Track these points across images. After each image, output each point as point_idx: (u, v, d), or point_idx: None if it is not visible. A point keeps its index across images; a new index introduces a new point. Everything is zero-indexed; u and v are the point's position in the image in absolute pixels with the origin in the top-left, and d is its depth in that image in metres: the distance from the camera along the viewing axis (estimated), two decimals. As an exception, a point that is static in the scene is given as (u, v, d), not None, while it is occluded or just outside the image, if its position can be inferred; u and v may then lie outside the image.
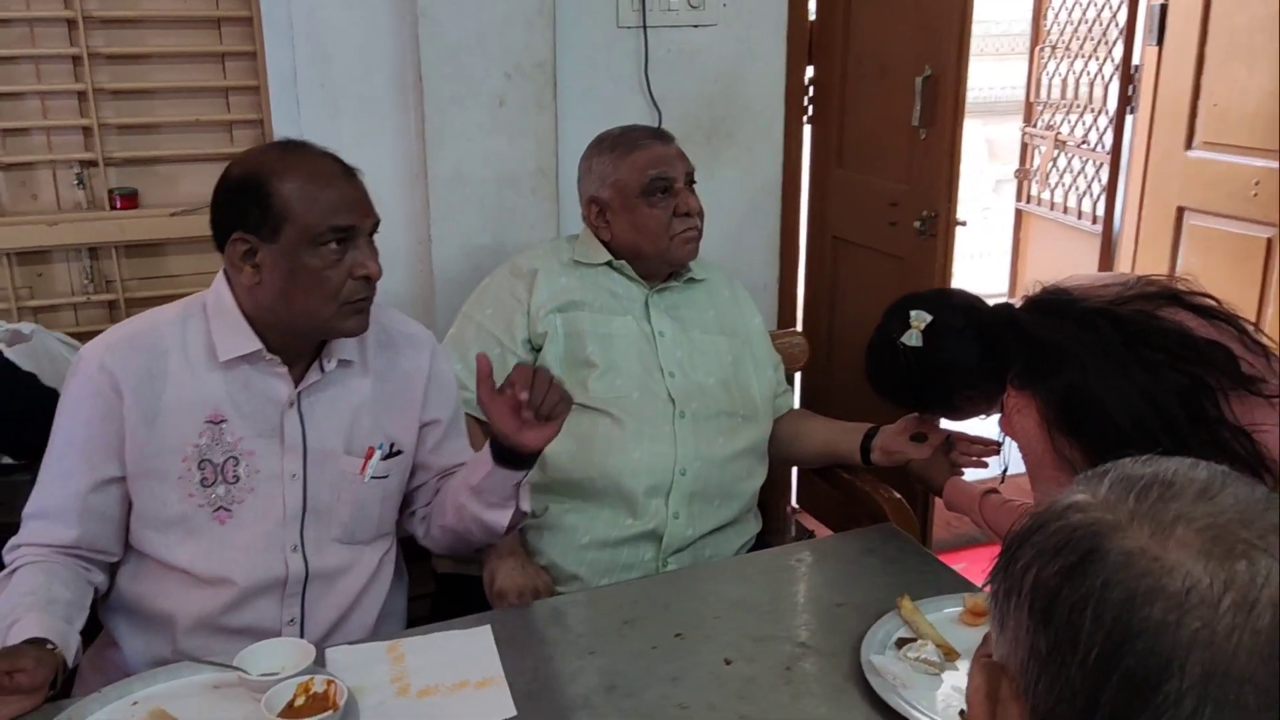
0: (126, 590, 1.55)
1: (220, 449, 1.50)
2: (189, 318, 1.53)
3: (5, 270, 2.39)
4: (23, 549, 1.49)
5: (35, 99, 2.36)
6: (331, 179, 1.47)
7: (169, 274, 2.54)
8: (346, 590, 1.60)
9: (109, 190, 2.42)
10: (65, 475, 1.50)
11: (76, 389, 1.50)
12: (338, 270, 1.46)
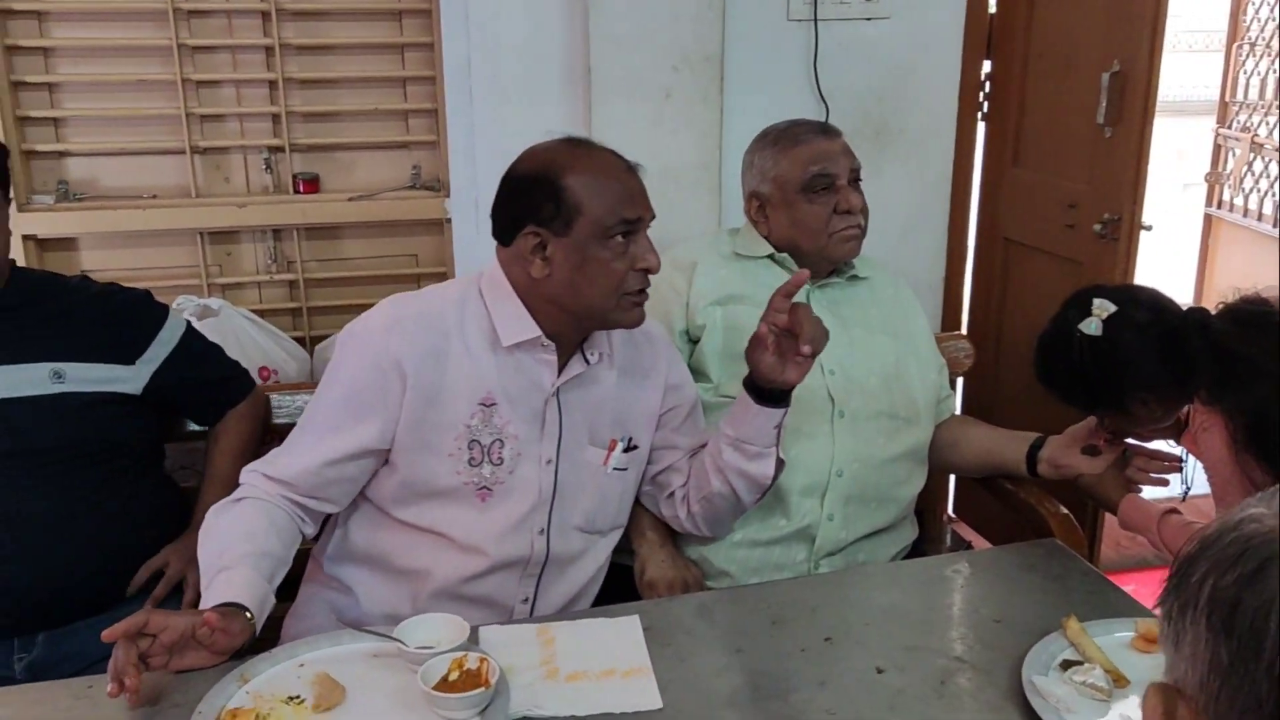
0: (368, 543, 1.62)
1: (489, 431, 1.56)
2: (466, 300, 1.59)
3: (198, 248, 2.54)
4: (257, 478, 1.58)
5: (231, 87, 2.50)
6: (618, 173, 1.53)
7: (344, 256, 2.65)
8: (577, 577, 1.66)
9: (293, 175, 2.54)
10: (320, 435, 1.56)
11: (355, 361, 1.56)
12: (622, 262, 1.51)
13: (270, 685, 1.32)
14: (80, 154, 2.48)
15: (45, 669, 1.70)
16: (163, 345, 1.90)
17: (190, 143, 2.46)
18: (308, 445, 1.58)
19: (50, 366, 1.79)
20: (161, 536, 1.82)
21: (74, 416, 1.79)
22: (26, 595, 1.69)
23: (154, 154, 2.50)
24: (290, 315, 2.61)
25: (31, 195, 2.42)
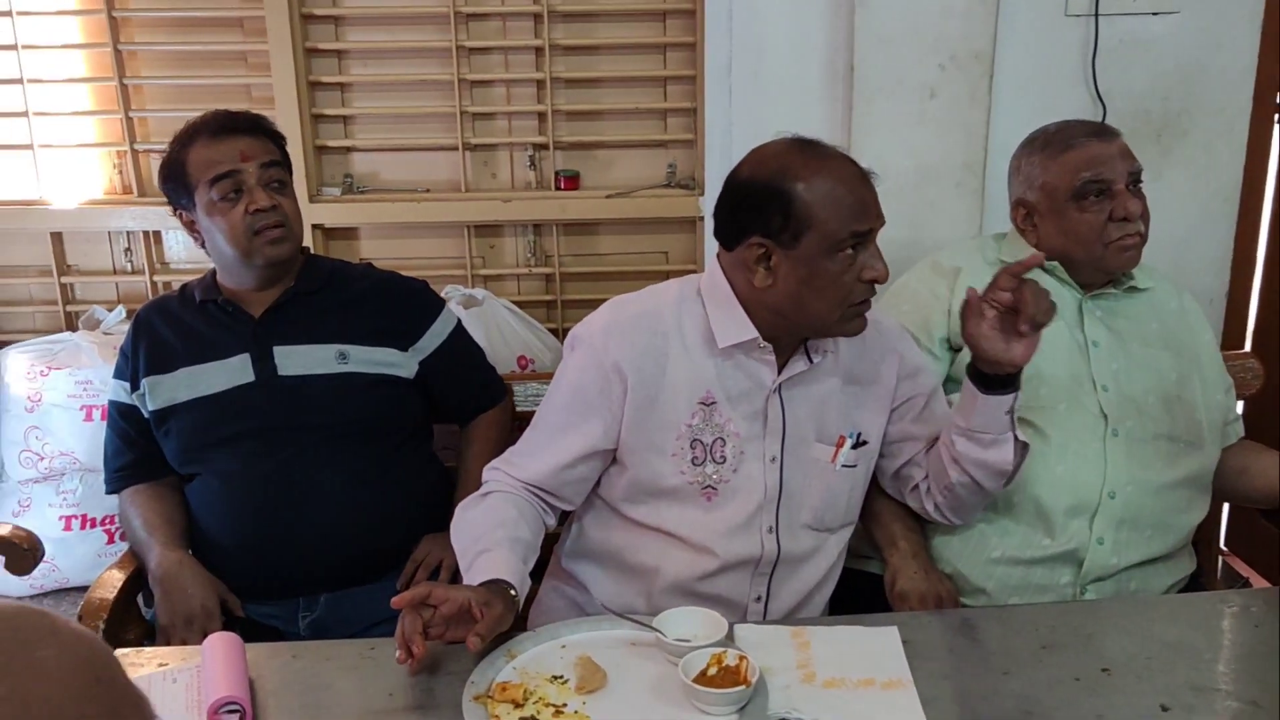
0: (602, 541, 1.67)
1: (710, 430, 1.57)
2: (684, 300, 1.61)
3: (465, 241, 2.67)
4: (499, 474, 1.65)
5: (502, 86, 2.61)
6: (852, 184, 1.49)
7: (599, 252, 2.72)
8: (809, 575, 1.64)
9: (555, 171, 2.63)
10: (553, 436, 1.62)
11: (579, 362, 1.61)
12: (850, 274, 1.49)
13: (535, 663, 1.37)
14: (365, 150, 2.65)
15: (325, 628, 1.84)
16: (434, 336, 2.01)
17: (463, 140, 2.59)
18: (540, 446, 1.63)
19: (337, 348, 1.93)
20: (431, 512, 1.92)
21: (357, 395, 1.91)
22: (315, 558, 1.82)
23: (430, 150, 2.65)
24: (545, 307, 2.70)
25: (321, 187, 2.61)
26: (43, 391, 2.43)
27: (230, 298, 1.95)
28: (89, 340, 2.50)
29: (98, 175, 2.69)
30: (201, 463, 1.90)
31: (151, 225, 2.66)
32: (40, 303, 2.73)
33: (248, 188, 1.86)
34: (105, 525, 2.47)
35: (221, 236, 1.87)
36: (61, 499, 2.45)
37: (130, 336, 1.97)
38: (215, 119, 1.91)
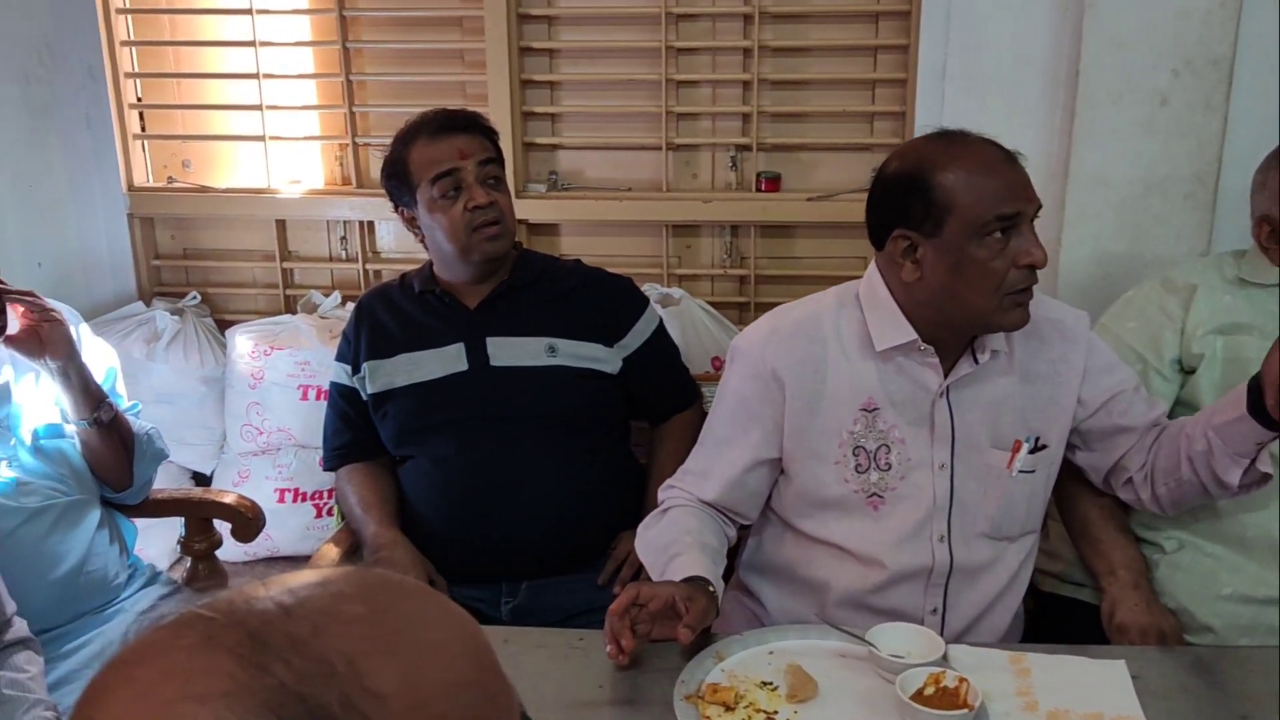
0: (774, 554, 1.66)
1: (873, 436, 1.54)
2: (844, 306, 1.58)
3: (662, 240, 2.69)
4: (675, 491, 1.67)
5: (708, 87, 2.62)
6: (994, 166, 1.44)
7: (795, 255, 2.69)
8: (989, 586, 1.59)
9: (757, 173, 2.61)
10: (720, 450, 1.63)
11: (739, 373, 1.61)
12: (1002, 260, 1.43)
13: (743, 667, 1.37)
14: (571, 148, 2.71)
15: (525, 615, 1.88)
16: (639, 334, 2.03)
17: (666, 139, 2.61)
18: (710, 461, 1.62)
19: (547, 341, 1.97)
20: (628, 507, 1.95)
21: (565, 388, 1.95)
22: (521, 545, 1.87)
23: (633, 149, 2.68)
24: (739, 309, 2.69)
25: (527, 184, 2.67)
26: (265, 370, 2.57)
27: (447, 289, 2.02)
28: (307, 323, 2.63)
29: (320, 167, 2.83)
30: (415, 446, 1.97)
31: (366, 215, 2.79)
32: (263, 286, 2.89)
33: (466, 185, 1.92)
34: (315, 500, 2.60)
35: (441, 233, 1.94)
36: (277, 472, 2.59)
37: (353, 322, 2.07)
38: (435, 118, 1.98)
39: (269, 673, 0.48)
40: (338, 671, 0.49)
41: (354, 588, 0.54)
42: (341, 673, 0.49)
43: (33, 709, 1.51)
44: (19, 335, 1.78)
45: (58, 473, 1.86)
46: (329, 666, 0.49)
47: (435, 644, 0.53)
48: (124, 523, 2.02)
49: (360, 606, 0.53)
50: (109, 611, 1.89)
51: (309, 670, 0.48)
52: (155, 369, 2.57)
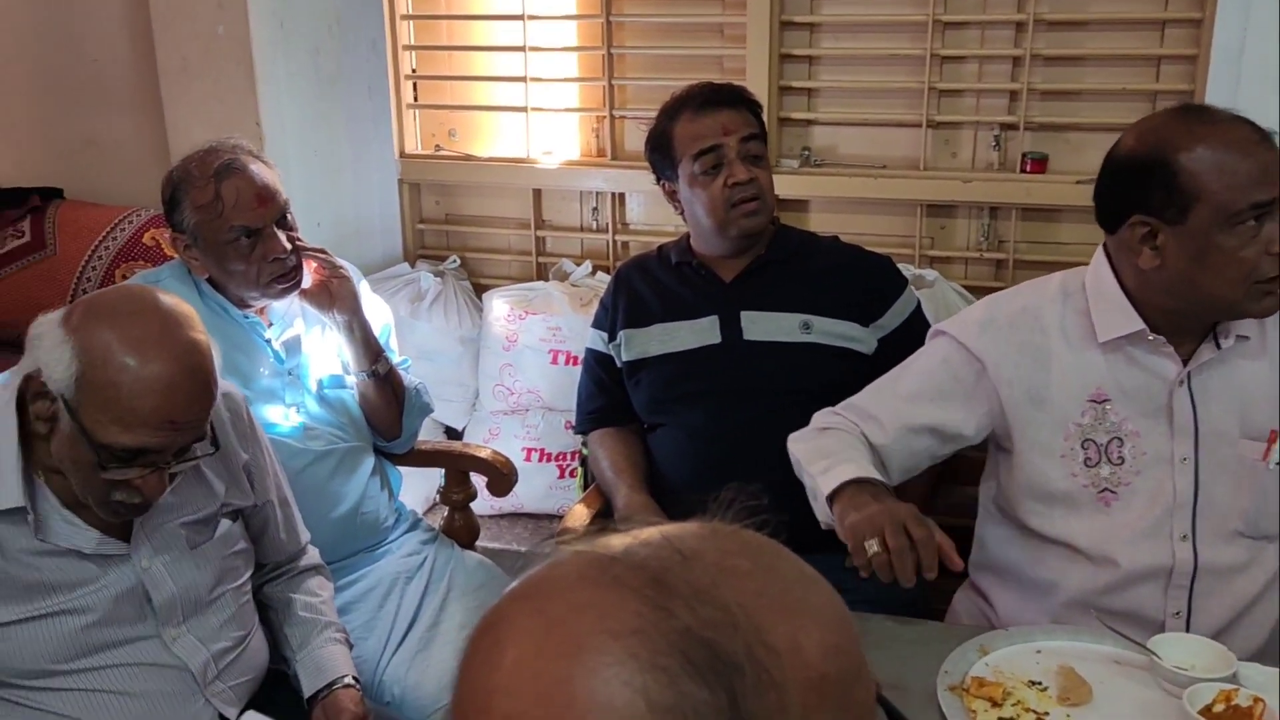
0: (1001, 554, 1.61)
1: (1103, 429, 1.47)
2: (1069, 294, 1.51)
3: (916, 220, 2.62)
4: (839, 419, 1.62)
5: (975, 63, 2.52)
6: (1246, 147, 1.33)
7: (1058, 240, 2.57)
8: (1244, 589, 1.48)
9: (1022, 154, 2.50)
10: (902, 399, 1.58)
11: (943, 347, 1.57)
12: (1253, 248, 1.33)
13: (1009, 664, 1.32)
14: (826, 123, 2.67)
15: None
16: (896, 315, 1.99)
17: (926, 117, 2.53)
18: (883, 407, 1.57)
19: (801, 318, 1.96)
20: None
21: (818, 365, 1.94)
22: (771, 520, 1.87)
23: (890, 126, 2.61)
24: (993, 294, 2.59)
25: (780, 159, 2.66)
26: (519, 334, 2.67)
27: (703, 262, 2.04)
28: (560, 290, 2.72)
29: (576, 138, 2.91)
30: (667, 414, 2.01)
31: (618, 187, 2.84)
32: (516, 253, 3.00)
33: (727, 161, 1.93)
34: (559, 460, 2.70)
35: (700, 207, 1.96)
36: (525, 431, 2.69)
37: (611, 290, 2.12)
38: (700, 92, 1.99)
39: (674, 616, 0.49)
40: (739, 622, 0.50)
41: (737, 545, 0.55)
42: (742, 624, 0.50)
43: (325, 630, 1.63)
44: (311, 289, 1.92)
45: (339, 420, 2.00)
46: (731, 616, 0.50)
47: (816, 607, 0.54)
48: (391, 471, 2.16)
49: (747, 562, 0.54)
50: (378, 552, 2.02)
51: (713, 618, 0.50)
52: (418, 327, 2.72)
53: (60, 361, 1.27)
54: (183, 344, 1.31)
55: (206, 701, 1.47)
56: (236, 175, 1.80)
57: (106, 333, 1.28)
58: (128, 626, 1.41)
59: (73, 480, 1.33)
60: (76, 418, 1.28)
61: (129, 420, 1.27)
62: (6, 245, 2.64)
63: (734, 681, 0.48)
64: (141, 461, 1.30)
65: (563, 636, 0.50)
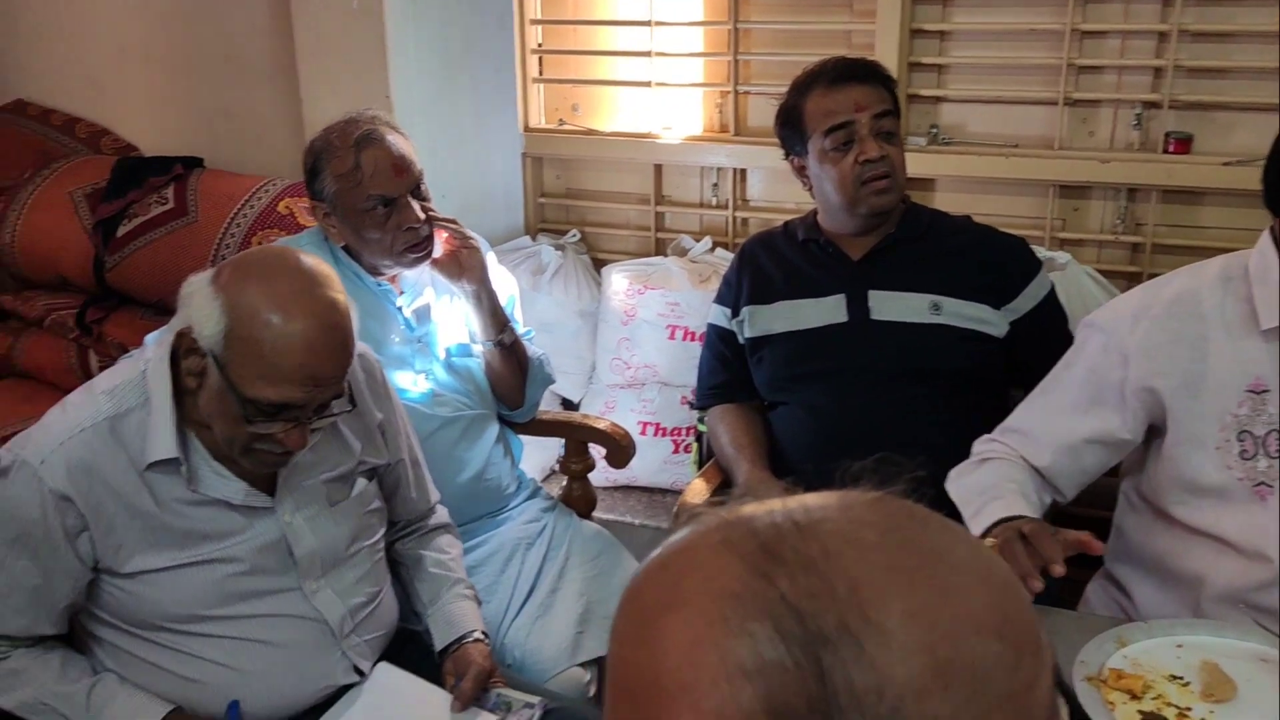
0: (1143, 544, 1.56)
1: (1262, 421, 1.41)
2: (1230, 280, 1.45)
3: (1047, 200, 2.54)
4: (996, 445, 1.59)
5: (1117, 38, 2.43)
6: None
7: (1200, 224, 2.47)
8: None
9: (1165, 133, 2.41)
10: (1059, 413, 1.55)
11: (1095, 344, 1.53)
12: None
13: (1148, 657, 1.29)
14: (955, 100, 2.61)
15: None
16: (1029, 298, 1.94)
17: (1064, 94, 2.46)
18: (1043, 421, 1.54)
19: (931, 298, 1.93)
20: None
21: (947, 348, 1.90)
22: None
23: (1024, 104, 2.54)
24: (1127, 279, 2.50)
25: (907, 137, 2.59)
26: (637, 308, 2.69)
27: (830, 239, 2.01)
28: (679, 266, 2.72)
29: (699, 113, 2.90)
30: (789, 392, 2.00)
31: (740, 163, 2.83)
32: (635, 228, 3.01)
33: (859, 137, 1.90)
34: (674, 435, 2.70)
35: (830, 184, 1.94)
36: (641, 405, 2.71)
37: (735, 266, 2.12)
38: (834, 67, 1.96)
39: (773, 583, 0.50)
40: (838, 595, 0.49)
41: (877, 516, 0.54)
42: (842, 597, 0.49)
43: (454, 586, 1.68)
44: (442, 259, 1.96)
45: (465, 388, 2.04)
46: (830, 588, 0.49)
47: (953, 587, 0.51)
48: (513, 439, 2.20)
49: (876, 535, 0.52)
50: (500, 518, 2.07)
51: (811, 588, 0.49)
52: (539, 300, 2.75)
53: (209, 318, 1.33)
54: (323, 303, 1.35)
55: (343, 654, 1.53)
56: (375, 145, 1.85)
57: (253, 291, 1.33)
58: (271, 578, 1.47)
59: (219, 433, 1.38)
60: (224, 372, 1.33)
61: (273, 375, 1.32)
62: (152, 211, 2.74)
63: (821, 653, 0.48)
64: (284, 416, 1.35)
65: (671, 592, 0.52)
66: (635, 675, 0.52)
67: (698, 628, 0.50)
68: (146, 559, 1.40)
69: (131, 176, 2.82)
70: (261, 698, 1.46)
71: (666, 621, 0.51)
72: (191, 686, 1.44)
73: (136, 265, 2.72)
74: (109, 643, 1.45)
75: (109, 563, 1.39)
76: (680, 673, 0.50)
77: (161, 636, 1.44)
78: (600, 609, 1.92)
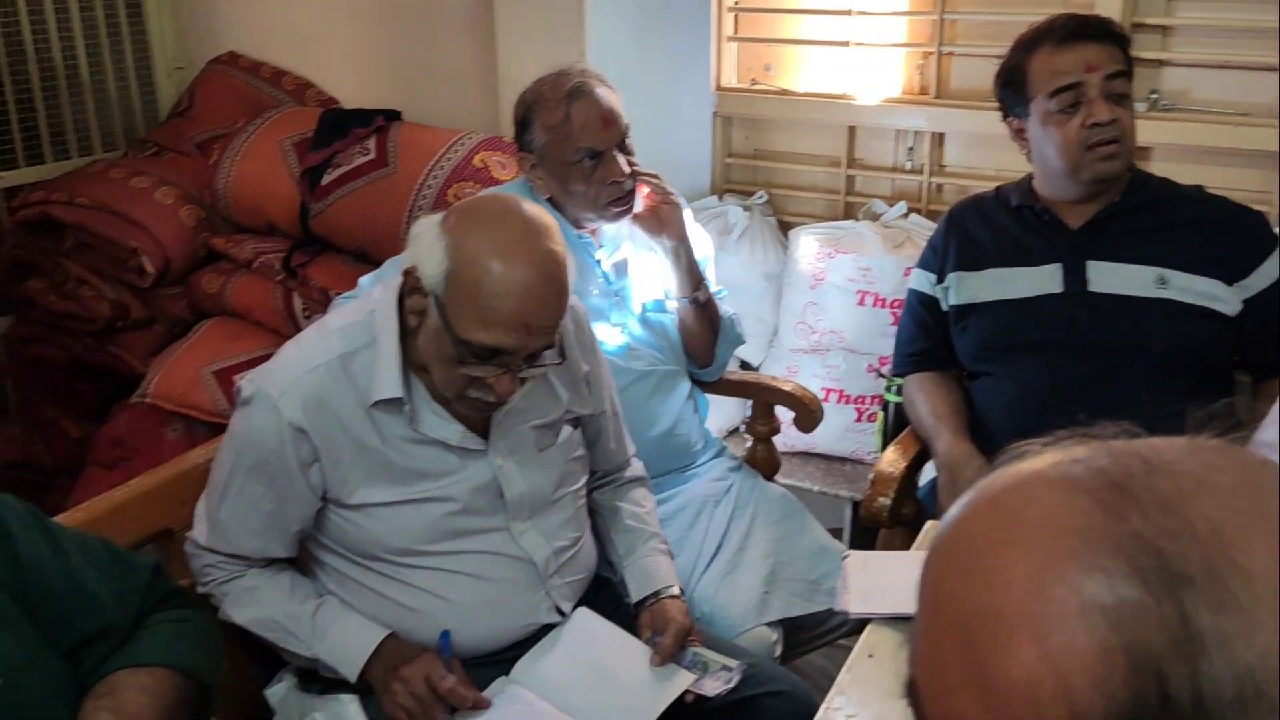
0: None
1: None
2: None
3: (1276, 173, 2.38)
4: None
5: (1372, -1, 2.25)
6: None
7: None
8: None
9: None
10: None
11: None
12: None
13: None
14: (1180, 64, 2.46)
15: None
16: (1263, 276, 1.82)
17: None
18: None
19: (1157, 271, 1.83)
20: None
21: (1172, 324, 1.81)
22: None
23: (1255, 70, 2.37)
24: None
25: (1125, 102, 2.47)
26: (826, 272, 2.64)
27: (1047, 206, 1.93)
28: (871, 230, 2.66)
29: (899, 74, 2.82)
30: (995, 363, 1.93)
31: (939, 127, 2.74)
32: (823, 190, 2.96)
33: (1087, 100, 1.81)
34: (858, 403, 2.66)
35: (1052, 148, 1.85)
36: (825, 371, 2.67)
37: (942, 231, 2.05)
38: (1064, 24, 1.86)
39: (1125, 520, 0.49)
40: (1199, 535, 0.48)
41: (1228, 461, 0.53)
42: (1204, 538, 0.48)
43: (650, 540, 1.69)
44: (643, 214, 1.97)
45: (659, 343, 2.05)
46: (1190, 528, 0.48)
47: None
48: (700, 397, 2.19)
49: (1231, 479, 0.51)
50: (688, 474, 2.07)
51: (1169, 526, 0.48)
52: (724, 260, 2.73)
53: (434, 259, 1.36)
54: (543, 252, 1.37)
55: (546, 594, 1.56)
56: (585, 98, 1.86)
57: (477, 236, 1.36)
58: (482, 518, 1.51)
59: (436, 375, 1.42)
60: (443, 313, 1.36)
61: (488, 319, 1.34)
62: (354, 161, 2.84)
63: (1183, 594, 0.47)
64: (496, 361, 1.38)
65: (1006, 527, 0.52)
66: (967, 609, 0.52)
67: (1040, 562, 0.50)
68: (370, 492, 1.45)
69: (336, 128, 2.92)
70: (471, 629, 1.51)
71: (1004, 556, 0.51)
72: (406, 613, 1.50)
73: (338, 213, 2.82)
74: (332, 568, 1.52)
75: (336, 494, 1.45)
76: (1023, 606, 0.49)
77: (381, 565, 1.50)
78: (786, 571, 1.91)
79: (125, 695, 1.07)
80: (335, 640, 1.47)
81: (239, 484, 1.45)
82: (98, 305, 2.89)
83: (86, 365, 2.98)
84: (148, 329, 2.97)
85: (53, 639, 1.07)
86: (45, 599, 1.07)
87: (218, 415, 2.65)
